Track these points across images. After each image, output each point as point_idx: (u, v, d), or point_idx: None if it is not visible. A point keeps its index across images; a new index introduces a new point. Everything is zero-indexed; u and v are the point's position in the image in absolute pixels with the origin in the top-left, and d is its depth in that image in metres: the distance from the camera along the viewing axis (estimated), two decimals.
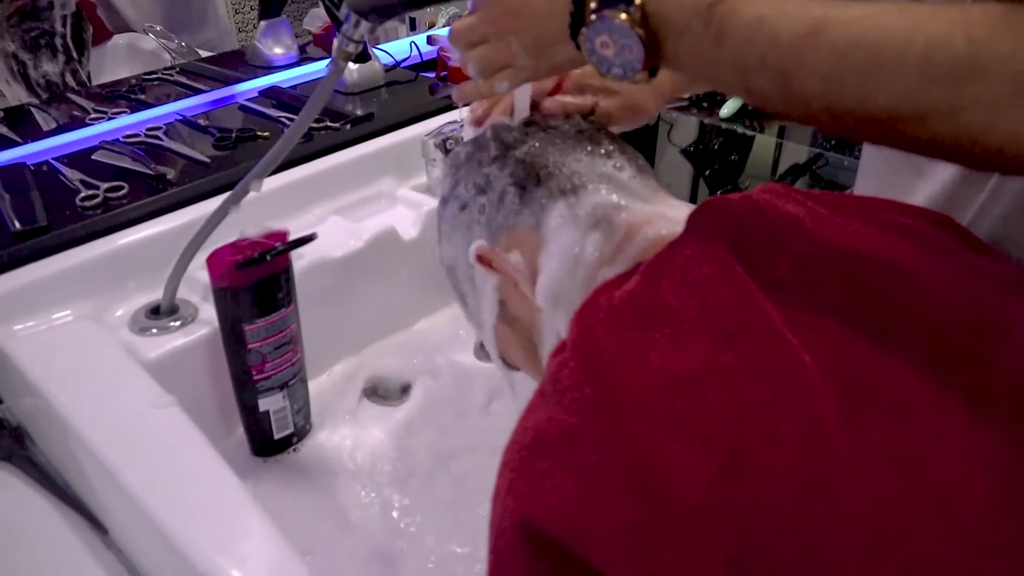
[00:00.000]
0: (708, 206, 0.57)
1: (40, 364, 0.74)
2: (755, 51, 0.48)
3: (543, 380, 0.50)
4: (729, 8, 0.49)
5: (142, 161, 0.95)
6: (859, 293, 0.51)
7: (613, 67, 0.53)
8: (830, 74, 0.46)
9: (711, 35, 0.49)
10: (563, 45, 0.55)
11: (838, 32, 0.46)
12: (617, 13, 0.51)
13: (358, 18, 0.63)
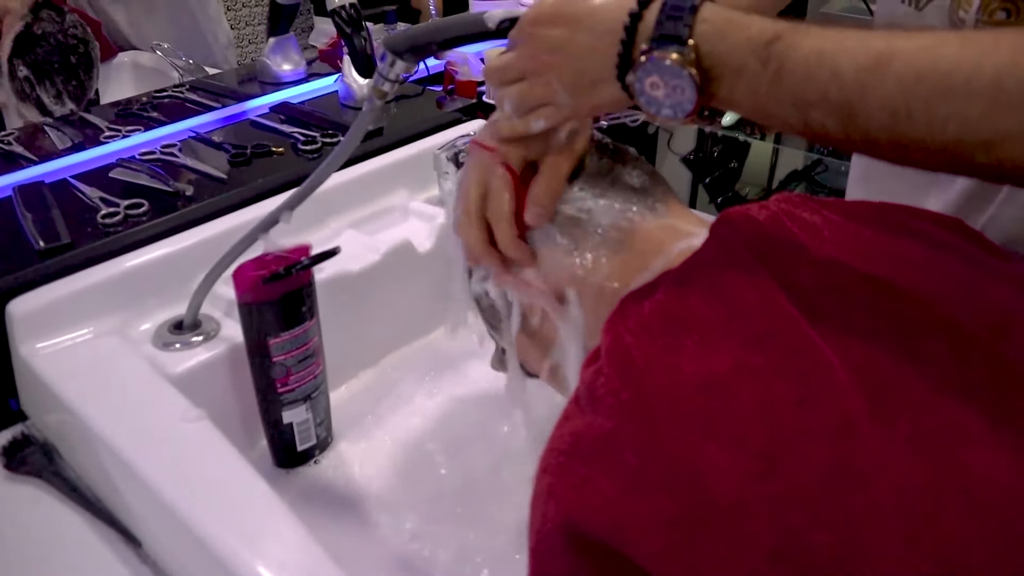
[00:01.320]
0: (729, 216, 0.59)
1: (69, 380, 0.75)
2: (816, 86, 0.48)
3: (577, 388, 0.52)
4: (787, 44, 0.49)
5: (160, 178, 0.97)
6: (880, 296, 0.53)
7: (663, 108, 0.52)
8: (897, 106, 0.46)
9: (770, 73, 0.49)
10: (608, 84, 0.54)
11: (903, 64, 0.46)
12: (669, 53, 0.50)
13: (394, 57, 0.64)
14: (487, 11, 0.60)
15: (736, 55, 0.50)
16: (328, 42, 1.44)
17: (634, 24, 0.52)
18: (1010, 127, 0.44)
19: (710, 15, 0.50)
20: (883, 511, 0.43)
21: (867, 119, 0.47)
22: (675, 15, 0.50)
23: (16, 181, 0.99)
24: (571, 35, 0.55)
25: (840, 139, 0.50)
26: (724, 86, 0.51)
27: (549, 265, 0.64)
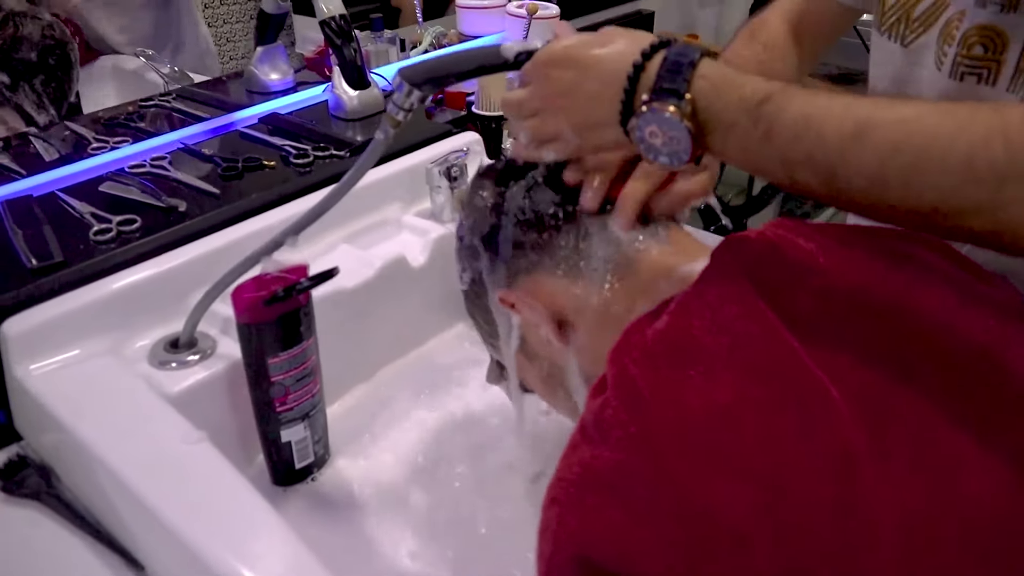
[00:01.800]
0: (728, 245, 0.60)
1: (65, 401, 0.75)
2: (801, 148, 0.51)
3: (583, 418, 0.53)
4: (777, 106, 0.52)
5: (151, 193, 0.96)
6: (874, 324, 0.55)
7: (660, 155, 0.55)
8: (875, 173, 0.49)
9: (759, 132, 0.52)
10: (611, 128, 0.57)
11: (883, 134, 0.49)
12: (667, 106, 0.53)
13: (411, 88, 0.65)
14: (503, 43, 0.62)
15: (729, 112, 0.53)
16: (315, 50, 1.43)
17: (636, 75, 0.55)
18: (981, 200, 0.47)
19: (708, 72, 0.53)
20: (882, 540, 0.45)
21: (848, 182, 0.50)
22: (675, 70, 0.53)
23: (3, 195, 0.98)
24: (580, 80, 0.58)
25: (823, 196, 0.53)
26: (717, 139, 0.54)
27: (551, 289, 0.65)
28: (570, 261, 0.64)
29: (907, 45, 0.79)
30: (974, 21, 0.71)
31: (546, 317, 0.64)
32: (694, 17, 2.37)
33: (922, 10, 0.77)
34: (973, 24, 0.71)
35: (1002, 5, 0.69)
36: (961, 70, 0.73)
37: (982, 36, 0.71)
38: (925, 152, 0.48)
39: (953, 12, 0.74)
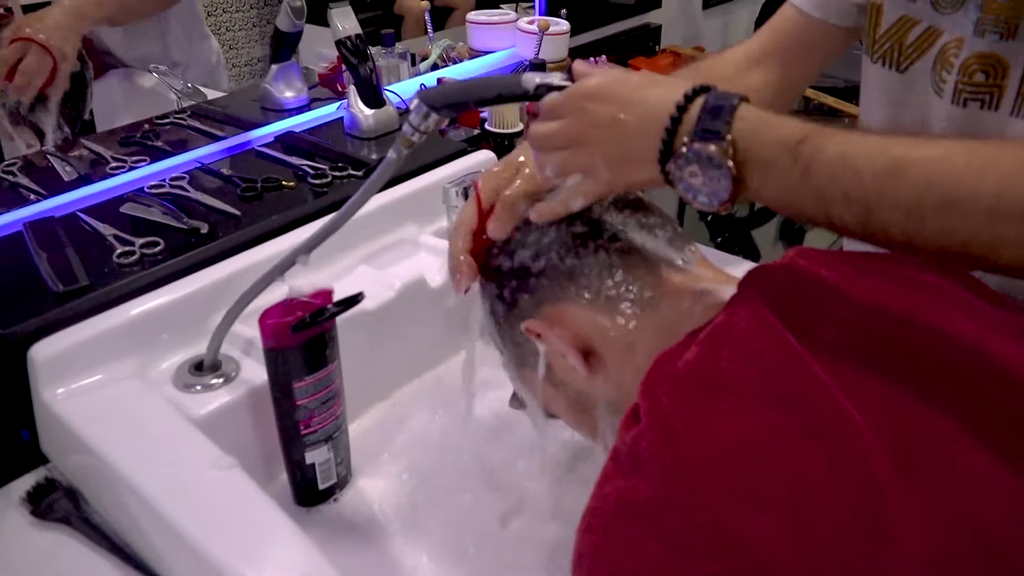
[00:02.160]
0: (753, 277, 0.61)
1: (93, 425, 0.76)
2: (839, 186, 0.53)
3: (617, 449, 0.54)
4: (815, 146, 0.53)
5: (172, 214, 0.97)
6: (897, 353, 0.56)
7: (699, 195, 0.56)
8: (910, 209, 0.51)
9: (798, 171, 0.54)
10: (648, 167, 0.58)
11: (917, 172, 0.51)
12: (708, 146, 0.54)
13: (429, 111, 0.65)
14: (524, 75, 0.62)
15: (768, 151, 0.54)
16: (328, 66, 1.44)
17: (679, 116, 0.56)
18: (1008, 234, 0.49)
19: (747, 114, 0.55)
20: (909, 565, 0.46)
21: (883, 218, 0.53)
22: (716, 112, 0.55)
23: (26, 216, 0.99)
24: (619, 114, 0.58)
25: (859, 234, 0.55)
26: (756, 179, 0.55)
27: (577, 319, 0.65)
28: (596, 290, 0.65)
29: (902, 71, 0.81)
30: (973, 49, 0.73)
31: (572, 346, 0.65)
32: (699, 29, 2.38)
33: (914, 37, 0.79)
34: (972, 52, 0.73)
35: (1000, 34, 0.71)
36: (964, 96, 0.75)
37: (982, 64, 0.73)
38: (956, 188, 0.50)
39: (949, 39, 0.76)
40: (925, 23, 0.78)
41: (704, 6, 2.36)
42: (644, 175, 0.59)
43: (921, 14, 0.78)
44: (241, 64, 1.77)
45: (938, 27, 0.77)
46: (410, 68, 1.56)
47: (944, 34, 0.76)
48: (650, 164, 0.58)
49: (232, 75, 1.77)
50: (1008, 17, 0.70)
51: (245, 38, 1.77)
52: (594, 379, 0.66)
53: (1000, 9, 0.70)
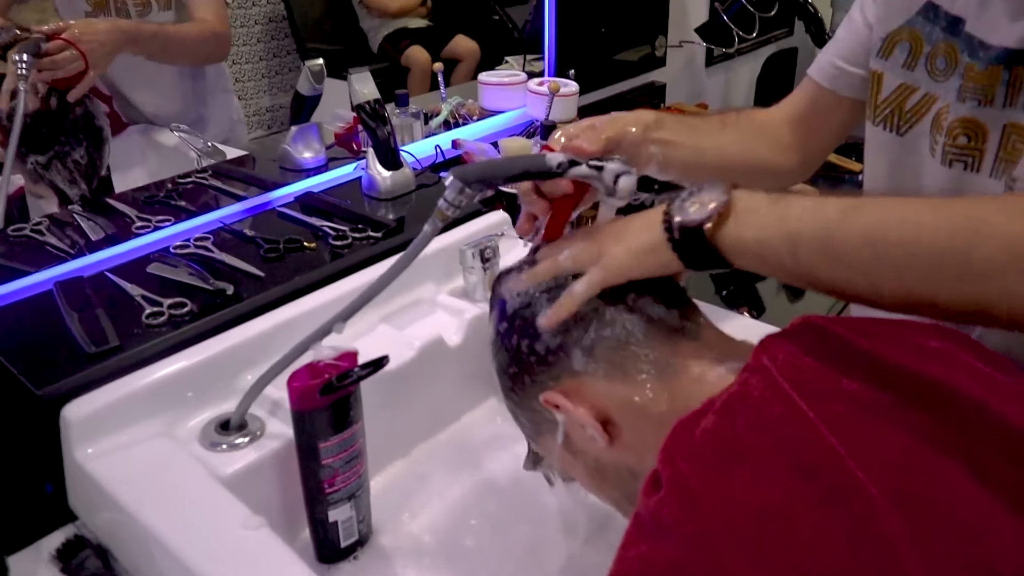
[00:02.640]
0: (766, 346, 0.64)
1: (123, 483, 0.78)
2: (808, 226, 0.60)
3: (639, 515, 0.56)
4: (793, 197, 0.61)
5: (199, 275, 1.00)
6: (908, 420, 0.58)
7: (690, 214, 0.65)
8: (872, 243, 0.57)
9: (776, 214, 0.61)
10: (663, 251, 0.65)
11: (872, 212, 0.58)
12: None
13: (463, 186, 0.69)
14: (548, 154, 0.67)
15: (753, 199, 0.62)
16: (344, 126, 1.49)
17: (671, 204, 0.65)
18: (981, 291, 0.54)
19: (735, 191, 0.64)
20: None
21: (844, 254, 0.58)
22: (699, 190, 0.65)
23: (55, 276, 1.02)
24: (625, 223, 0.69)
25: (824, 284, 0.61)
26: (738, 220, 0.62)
27: (595, 390, 0.68)
28: (613, 362, 0.67)
29: (902, 134, 0.85)
30: (957, 114, 0.78)
31: (591, 417, 0.67)
32: (702, 86, 2.44)
33: (913, 103, 0.84)
34: (956, 116, 0.78)
35: (979, 100, 0.76)
36: (950, 157, 0.79)
37: (964, 127, 0.78)
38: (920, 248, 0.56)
39: (942, 105, 0.81)
40: (923, 90, 0.82)
41: (707, 64, 2.42)
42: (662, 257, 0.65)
43: (919, 82, 0.83)
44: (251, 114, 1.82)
45: (934, 94, 0.81)
46: (423, 127, 1.61)
47: (939, 100, 0.81)
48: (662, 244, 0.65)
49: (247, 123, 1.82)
50: (985, 85, 0.75)
51: (255, 89, 1.82)
52: (612, 448, 0.68)
53: (978, 77, 0.75)
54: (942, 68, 0.80)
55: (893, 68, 0.85)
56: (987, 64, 0.74)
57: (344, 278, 1.02)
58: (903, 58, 0.84)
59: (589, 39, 1.95)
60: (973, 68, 0.75)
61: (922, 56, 0.82)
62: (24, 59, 1.13)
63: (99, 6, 1.36)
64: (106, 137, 1.42)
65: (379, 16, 2.03)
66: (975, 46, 0.76)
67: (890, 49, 0.85)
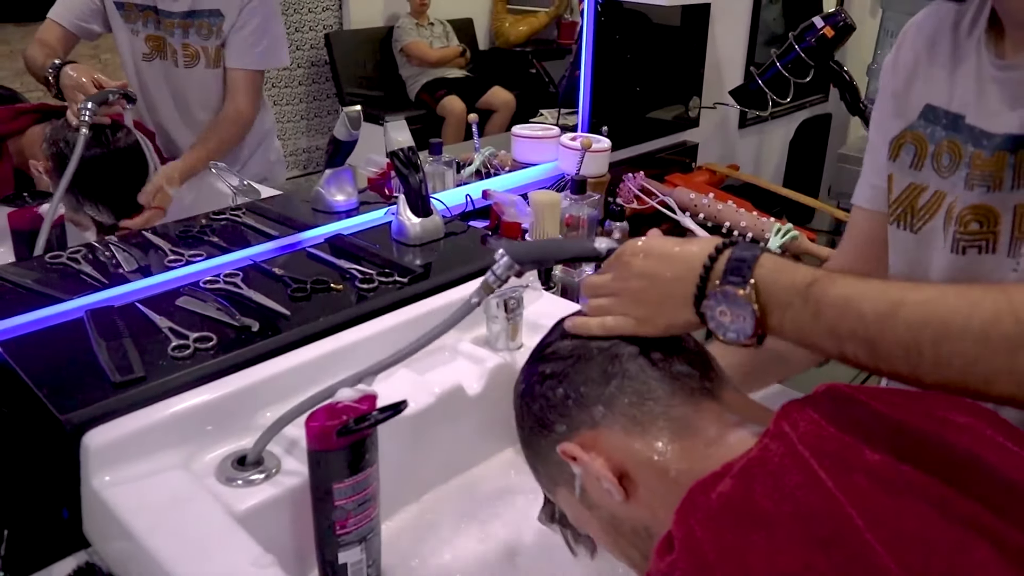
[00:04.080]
0: (787, 412, 0.63)
1: (138, 513, 0.79)
2: (846, 324, 0.60)
3: (651, 574, 0.56)
4: (821, 289, 0.61)
5: (225, 311, 1.02)
6: (930, 499, 0.57)
7: (728, 332, 0.65)
8: (908, 345, 0.58)
9: (810, 310, 0.62)
10: (685, 309, 0.67)
11: (912, 310, 0.58)
12: (736, 289, 0.63)
13: (513, 263, 0.76)
14: (597, 239, 0.76)
15: (784, 294, 0.63)
16: (377, 172, 1.51)
17: (711, 265, 0.66)
18: (1000, 368, 0.55)
19: (767, 262, 0.65)
20: None
21: (888, 353, 0.59)
22: (740, 261, 0.65)
23: (87, 304, 1.04)
24: (659, 268, 0.69)
25: (871, 368, 0.61)
26: (775, 317, 0.64)
27: (613, 444, 0.68)
28: (632, 417, 0.67)
29: (916, 231, 0.88)
30: (966, 203, 0.80)
31: (608, 471, 0.67)
32: (734, 147, 2.45)
33: (924, 201, 0.87)
34: (966, 205, 0.80)
35: (988, 186, 0.78)
36: (962, 244, 0.82)
37: (975, 214, 0.80)
38: (947, 326, 0.57)
39: (952, 198, 0.83)
40: (932, 188, 0.86)
41: (740, 125, 2.44)
42: (681, 317, 0.68)
43: (928, 180, 0.86)
44: (288, 154, 1.86)
45: (942, 190, 0.84)
46: (455, 175, 1.63)
47: (948, 195, 0.84)
48: (686, 307, 0.67)
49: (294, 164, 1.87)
50: (993, 171, 0.78)
51: (293, 130, 1.86)
52: (628, 504, 0.68)
53: (984, 164, 0.78)
54: (947, 164, 0.83)
55: (901, 169, 0.89)
56: (992, 151, 0.78)
57: (368, 321, 1.03)
58: (909, 159, 0.87)
59: (624, 96, 1.98)
60: (980, 156, 0.79)
61: (927, 156, 0.86)
62: (89, 107, 1.21)
63: (156, 50, 1.41)
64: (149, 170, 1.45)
65: (418, 65, 2.08)
66: (978, 136, 0.79)
67: (896, 151, 0.89)
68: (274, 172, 1.78)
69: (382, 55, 2.08)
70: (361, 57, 2.02)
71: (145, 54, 1.38)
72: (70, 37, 1.34)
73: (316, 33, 1.85)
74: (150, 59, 1.39)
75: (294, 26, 1.81)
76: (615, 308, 0.71)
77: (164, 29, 1.38)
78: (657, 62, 2.07)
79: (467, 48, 2.20)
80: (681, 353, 0.71)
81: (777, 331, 0.64)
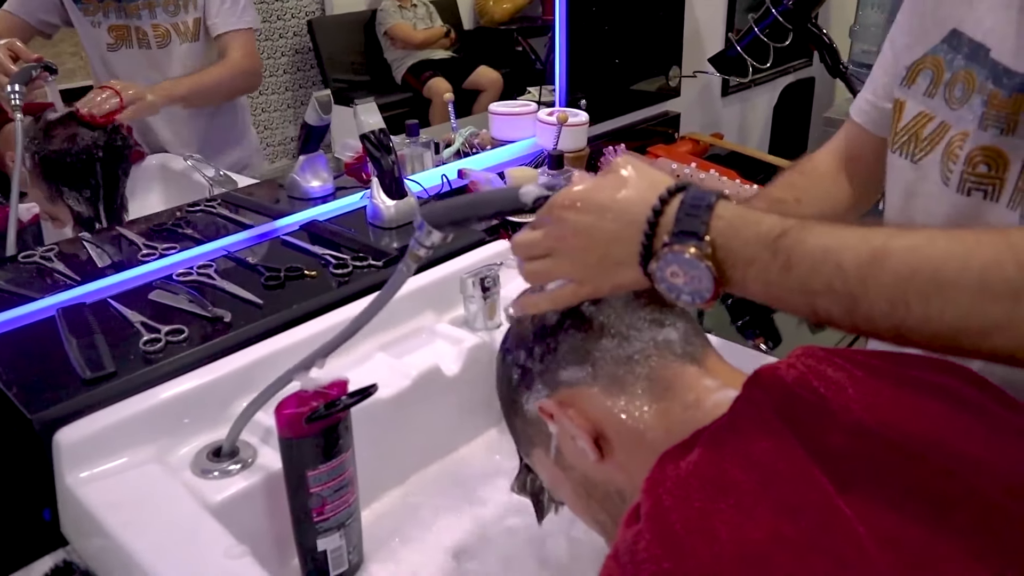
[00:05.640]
0: (759, 378, 0.62)
1: (112, 509, 0.78)
2: (822, 278, 0.54)
3: (617, 545, 0.55)
4: (794, 240, 0.54)
5: (198, 302, 1.01)
6: (905, 463, 0.56)
7: (682, 294, 0.58)
8: (895, 297, 0.52)
9: (779, 265, 0.55)
10: (630, 269, 0.60)
11: (898, 260, 0.52)
12: (688, 247, 0.56)
13: (431, 228, 0.68)
14: (523, 188, 0.65)
15: (748, 249, 0.56)
16: (354, 156, 1.49)
17: (656, 218, 0.58)
18: (999, 317, 0.49)
19: (724, 212, 0.56)
20: None
21: (869, 308, 0.53)
22: (693, 212, 0.56)
23: (59, 302, 1.03)
24: (597, 222, 0.60)
25: (847, 325, 0.55)
26: (737, 275, 0.56)
27: (590, 403, 0.67)
28: (610, 376, 0.66)
29: (916, 162, 0.83)
30: (977, 142, 0.75)
31: (584, 430, 0.66)
32: (718, 116, 2.43)
33: (929, 131, 0.82)
34: (977, 145, 0.75)
35: (1001, 129, 0.73)
36: (968, 186, 0.77)
37: (985, 156, 0.75)
38: (940, 273, 0.51)
39: (955, 132, 0.79)
40: (939, 118, 0.81)
41: (723, 94, 2.42)
42: (627, 277, 0.61)
43: (936, 110, 0.81)
44: (275, 144, 1.85)
45: (948, 122, 0.80)
46: (434, 156, 1.61)
47: (952, 128, 0.79)
48: (632, 267, 0.59)
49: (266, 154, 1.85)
50: (1008, 113, 0.72)
51: (280, 119, 1.84)
52: (603, 465, 0.67)
53: (1001, 105, 0.72)
54: (959, 96, 0.78)
55: (915, 96, 0.84)
56: (1011, 92, 0.72)
57: (342, 307, 1.03)
58: (925, 86, 0.82)
59: (602, 69, 1.96)
60: (997, 96, 0.73)
61: (942, 84, 0.81)
62: (16, 89, 1.17)
63: (121, 39, 1.39)
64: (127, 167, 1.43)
65: (403, 48, 2.05)
66: (1000, 73, 0.73)
67: (913, 77, 0.84)
68: (254, 162, 1.76)
69: (366, 40, 2.06)
70: (345, 43, 1.99)
71: (110, 44, 1.36)
72: (26, 28, 1.31)
73: (299, 20, 1.82)
74: (115, 48, 1.37)
75: (276, 14, 1.79)
76: (555, 271, 0.64)
77: (129, 15, 1.36)
78: (635, 32, 2.05)
79: (451, 28, 2.17)
80: (665, 314, 0.70)
81: (739, 289, 0.57)
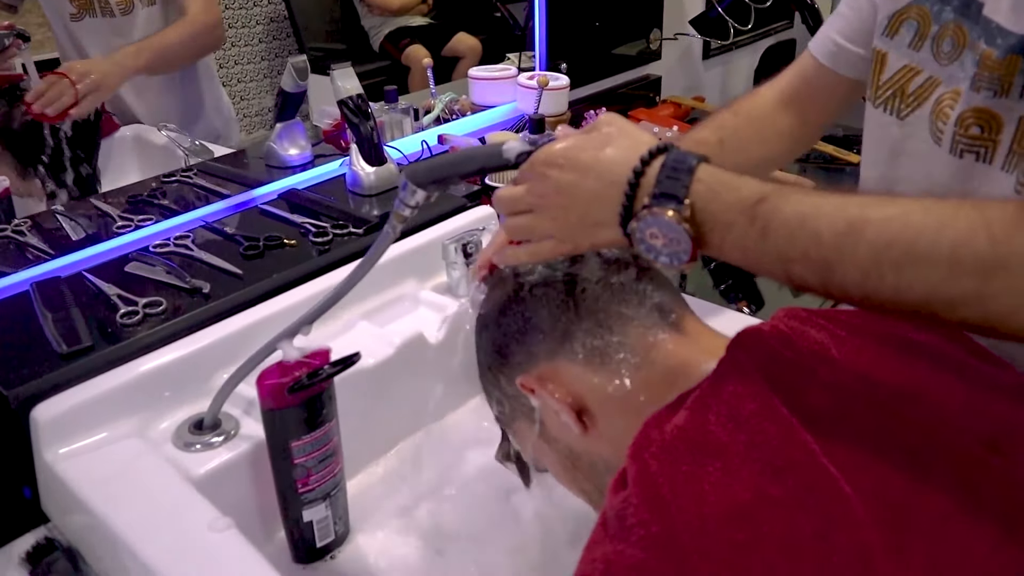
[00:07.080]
0: (741, 340, 0.62)
1: (94, 485, 0.77)
2: (798, 245, 0.54)
3: (605, 514, 0.54)
4: (772, 206, 0.55)
5: (175, 273, 0.99)
6: (886, 418, 0.56)
7: (661, 256, 0.58)
8: (869, 267, 0.52)
9: (756, 231, 0.55)
10: (610, 229, 0.60)
11: (875, 230, 0.52)
12: (667, 210, 0.56)
13: (415, 188, 0.67)
14: (506, 144, 0.64)
15: (727, 213, 0.56)
16: (332, 123, 1.47)
17: (637, 180, 0.58)
18: (968, 291, 0.50)
19: (705, 176, 0.57)
20: None
21: (843, 277, 0.53)
22: (674, 175, 0.56)
23: (33, 276, 1.00)
24: (579, 180, 0.60)
25: (820, 291, 0.55)
26: (715, 239, 0.57)
27: (571, 376, 0.66)
28: (590, 348, 0.66)
29: (902, 118, 0.82)
30: (970, 103, 0.74)
31: (566, 404, 0.65)
32: (699, 79, 2.41)
33: (916, 86, 0.80)
34: (969, 106, 0.74)
35: (994, 91, 0.72)
36: (960, 147, 0.76)
37: (978, 118, 0.74)
38: (913, 246, 0.51)
39: (945, 90, 0.77)
40: (927, 72, 0.79)
41: (704, 56, 2.40)
42: (607, 237, 0.61)
43: (924, 64, 0.79)
44: (252, 114, 1.81)
45: (937, 77, 0.78)
46: (413, 123, 1.59)
47: (942, 85, 0.77)
48: (612, 227, 0.59)
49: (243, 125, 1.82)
50: (1002, 75, 0.71)
51: (256, 89, 1.81)
52: (587, 437, 0.66)
53: (994, 66, 0.71)
54: (948, 51, 0.76)
55: (899, 48, 0.81)
56: (1006, 52, 0.70)
57: (323, 275, 1.01)
58: (909, 37, 0.80)
59: (582, 33, 1.93)
60: (990, 56, 0.71)
61: (928, 37, 0.78)
62: None
63: (83, 8, 1.35)
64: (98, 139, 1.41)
65: (380, 14, 2.01)
66: (993, 32, 0.71)
67: (896, 27, 0.81)
68: (229, 131, 1.73)
69: (343, 7, 2.01)
70: (321, 10, 1.95)
71: (73, 15, 1.32)
72: None
73: None
74: (79, 19, 1.33)
75: None
76: (537, 227, 0.64)
77: None
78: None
79: None
80: (645, 282, 0.69)
81: (716, 252, 0.57)
